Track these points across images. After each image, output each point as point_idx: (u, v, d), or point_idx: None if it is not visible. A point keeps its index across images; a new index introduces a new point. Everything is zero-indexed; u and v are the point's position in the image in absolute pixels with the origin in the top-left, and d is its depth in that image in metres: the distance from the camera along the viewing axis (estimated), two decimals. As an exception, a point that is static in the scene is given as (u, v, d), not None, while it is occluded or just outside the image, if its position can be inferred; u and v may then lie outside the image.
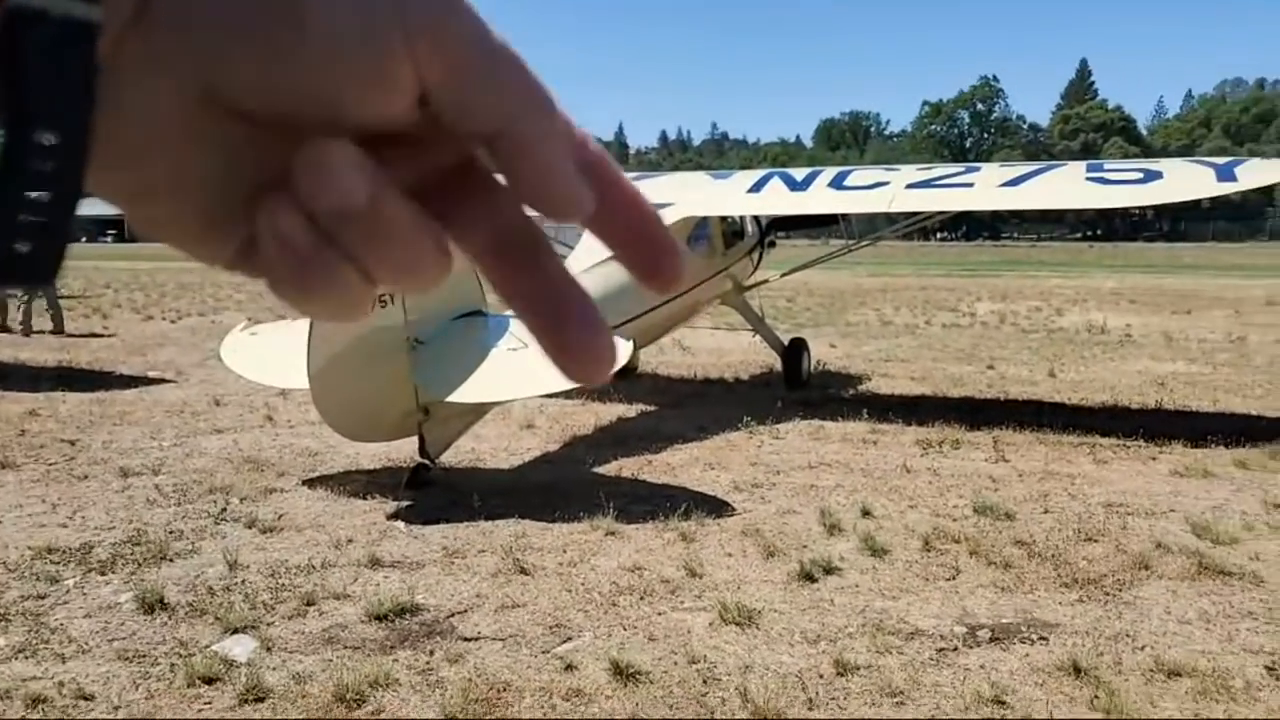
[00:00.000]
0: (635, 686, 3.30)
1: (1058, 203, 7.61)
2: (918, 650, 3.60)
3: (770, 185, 8.00)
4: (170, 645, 3.59)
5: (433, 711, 3.14)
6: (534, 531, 4.82)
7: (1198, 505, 5.36)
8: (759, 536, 4.76)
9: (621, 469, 6.06)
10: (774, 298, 16.99)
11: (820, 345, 11.60)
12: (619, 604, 4.00)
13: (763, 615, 3.87)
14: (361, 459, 6.13)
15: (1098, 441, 6.83)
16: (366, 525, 4.93)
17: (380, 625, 3.77)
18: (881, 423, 7.35)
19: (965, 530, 4.91)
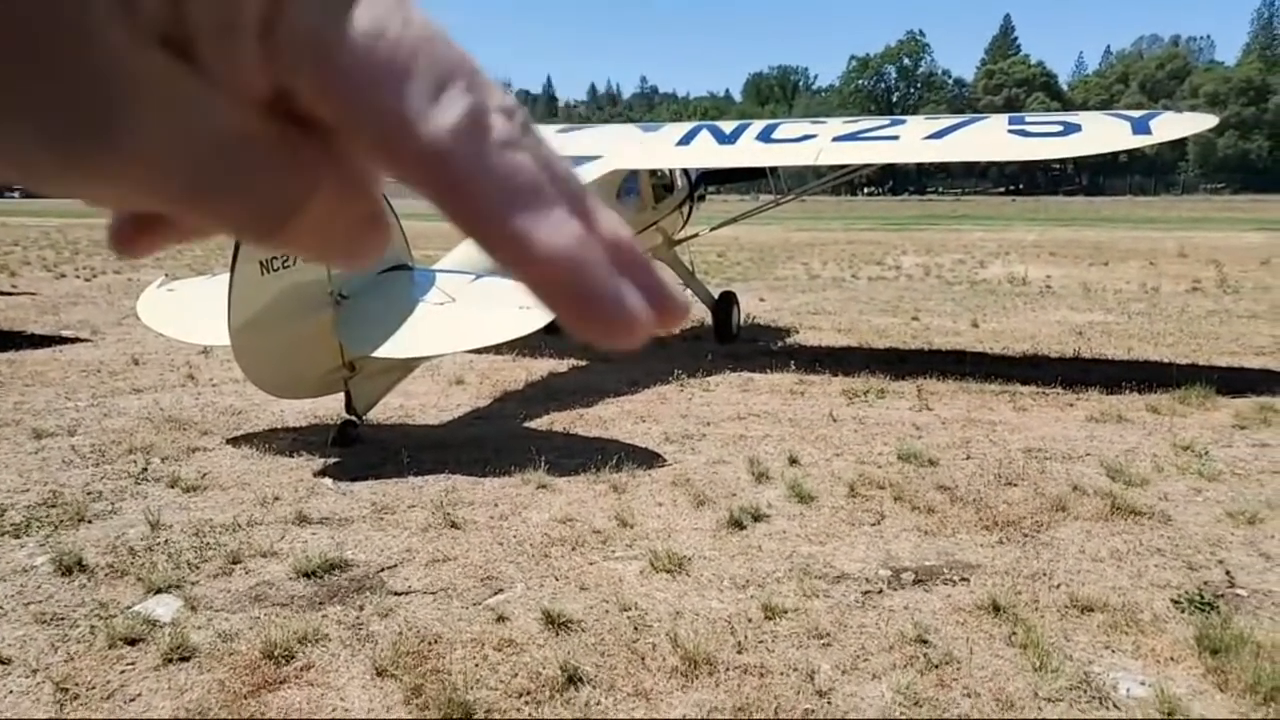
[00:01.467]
0: (567, 635, 3.32)
1: (981, 155, 7.71)
2: (843, 593, 3.67)
3: (699, 138, 7.97)
4: (90, 607, 3.51)
5: (363, 666, 3.12)
6: (464, 486, 4.80)
7: (1112, 449, 5.54)
8: (689, 486, 4.80)
9: (553, 423, 6.05)
10: (704, 252, 17.03)
11: (749, 299, 11.69)
12: (550, 555, 4.00)
13: (693, 562, 3.92)
14: (287, 416, 6.03)
15: (1018, 389, 7.01)
16: (293, 483, 4.85)
17: (309, 582, 3.73)
18: (809, 374, 7.44)
19: (890, 477, 5.01)
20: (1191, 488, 4.89)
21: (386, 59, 0.24)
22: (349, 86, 0.24)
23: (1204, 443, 5.63)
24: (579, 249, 0.25)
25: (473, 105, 0.25)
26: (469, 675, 3.05)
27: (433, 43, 0.25)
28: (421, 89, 0.24)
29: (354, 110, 0.24)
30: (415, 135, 0.24)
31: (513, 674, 3.08)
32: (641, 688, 3.01)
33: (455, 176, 0.24)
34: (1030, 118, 7.71)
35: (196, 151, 0.24)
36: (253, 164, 0.25)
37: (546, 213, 0.25)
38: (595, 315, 0.26)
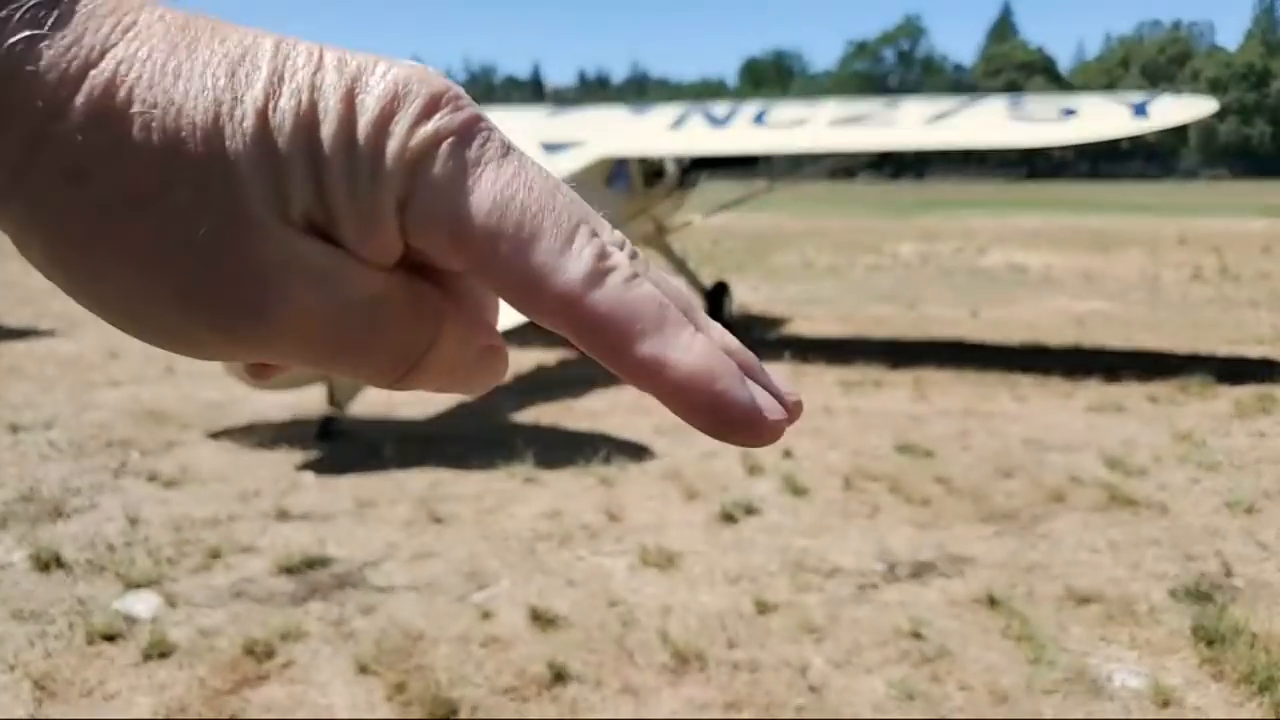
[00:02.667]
0: (554, 631, 3.27)
1: (979, 140, 7.62)
2: (837, 587, 3.62)
3: (691, 122, 7.88)
4: (68, 604, 3.45)
5: (345, 662, 3.07)
6: (449, 480, 4.74)
7: (1111, 439, 5.48)
8: (680, 479, 4.74)
9: (541, 416, 5.99)
10: (698, 240, 16.97)
11: (743, 288, 11.62)
12: (537, 550, 3.95)
13: (683, 557, 3.86)
14: (268, 410, 5.96)
15: (1017, 379, 6.95)
16: (275, 477, 4.79)
17: (290, 577, 3.68)
18: (804, 364, 7.38)
19: (885, 469, 4.95)
20: (1190, 478, 4.84)
21: (516, 224, 0.26)
22: (484, 254, 0.26)
23: (1203, 432, 5.58)
24: (709, 363, 0.27)
25: (598, 251, 0.27)
26: (453, 672, 3.00)
27: (555, 197, 0.27)
28: (551, 246, 0.26)
29: (490, 274, 0.27)
30: (550, 288, 0.26)
31: (498, 671, 3.03)
32: (630, 684, 2.96)
33: (591, 318, 0.26)
34: (1029, 102, 7.63)
35: (342, 317, 0.27)
36: (387, 320, 0.28)
37: (675, 335, 0.27)
38: (736, 421, 0.27)
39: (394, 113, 0.26)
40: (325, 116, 0.26)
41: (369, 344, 0.28)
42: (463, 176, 0.26)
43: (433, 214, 0.26)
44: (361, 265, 0.27)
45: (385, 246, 0.27)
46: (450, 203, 0.26)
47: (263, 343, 0.27)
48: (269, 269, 0.26)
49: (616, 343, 0.27)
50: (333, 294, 0.27)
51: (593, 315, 0.27)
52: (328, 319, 0.27)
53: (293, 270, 0.26)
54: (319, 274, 0.27)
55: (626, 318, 0.27)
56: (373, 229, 0.27)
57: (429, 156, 0.26)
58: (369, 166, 0.26)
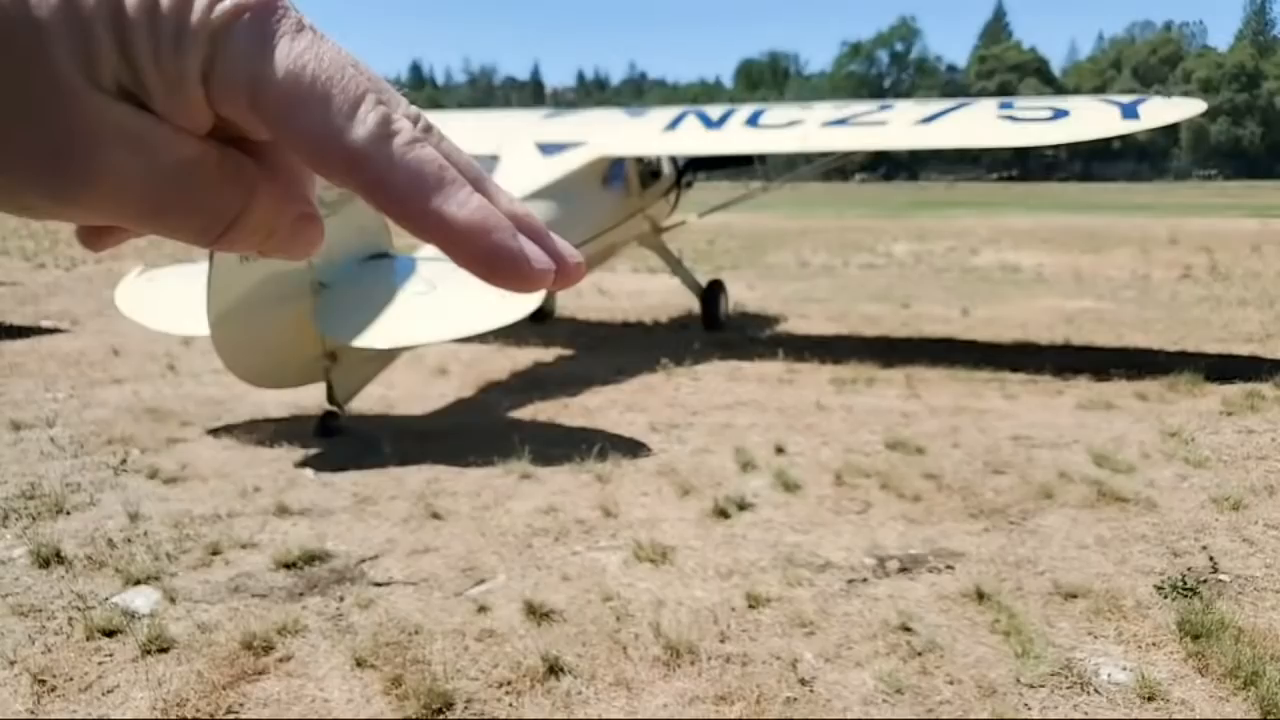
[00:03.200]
0: (548, 626, 3.30)
1: (970, 141, 7.66)
2: (828, 582, 3.66)
3: (686, 123, 7.92)
4: (68, 599, 3.48)
5: (342, 656, 3.10)
6: (447, 476, 4.77)
7: (1099, 436, 5.53)
8: (674, 475, 4.78)
9: (537, 413, 6.02)
10: (694, 240, 17.02)
11: (739, 287, 11.65)
12: (533, 545, 3.98)
13: (677, 552, 3.90)
14: (268, 407, 5.99)
15: (1007, 377, 7.00)
16: (274, 474, 4.82)
17: (289, 573, 3.71)
18: (797, 362, 7.42)
19: (876, 465, 4.99)
20: (1177, 474, 4.88)
21: (307, 90, 0.29)
22: (280, 116, 0.29)
23: (1191, 429, 5.63)
24: (484, 216, 0.30)
25: (382, 116, 0.29)
26: (449, 666, 3.03)
27: (344, 69, 0.29)
28: (340, 109, 0.29)
29: (285, 134, 0.29)
30: (339, 146, 0.29)
31: (493, 664, 3.06)
32: (623, 677, 3.00)
33: (376, 173, 0.29)
34: (1019, 102, 7.68)
35: (157, 181, 0.29)
36: (201, 183, 0.30)
37: (453, 192, 0.30)
38: (505, 268, 0.31)
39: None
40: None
41: (184, 205, 0.31)
42: (261, 47, 0.29)
43: (234, 81, 0.29)
44: (173, 130, 0.29)
45: (194, 113, 0.29)
46: (249, 70, 0.28)
47: (84, 204, 0.29)
48: (84, 132, 0.28)
49: (400, 198, 0.29)
50: (146, 157, 0.29)
51: (377, 173, 0.29)
52: (143, 181, 0.29)
53: (107, 133, 0.28)
54: (132, 137, 0.29)
55: (409, 176, 0.29)
56: (180, 95, 0.29)
57: (230, 28, 0.28)
58: (173, 33, 0.28)
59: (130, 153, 0.29)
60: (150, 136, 0.29)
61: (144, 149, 0.29)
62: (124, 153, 0.28)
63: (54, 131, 0.28)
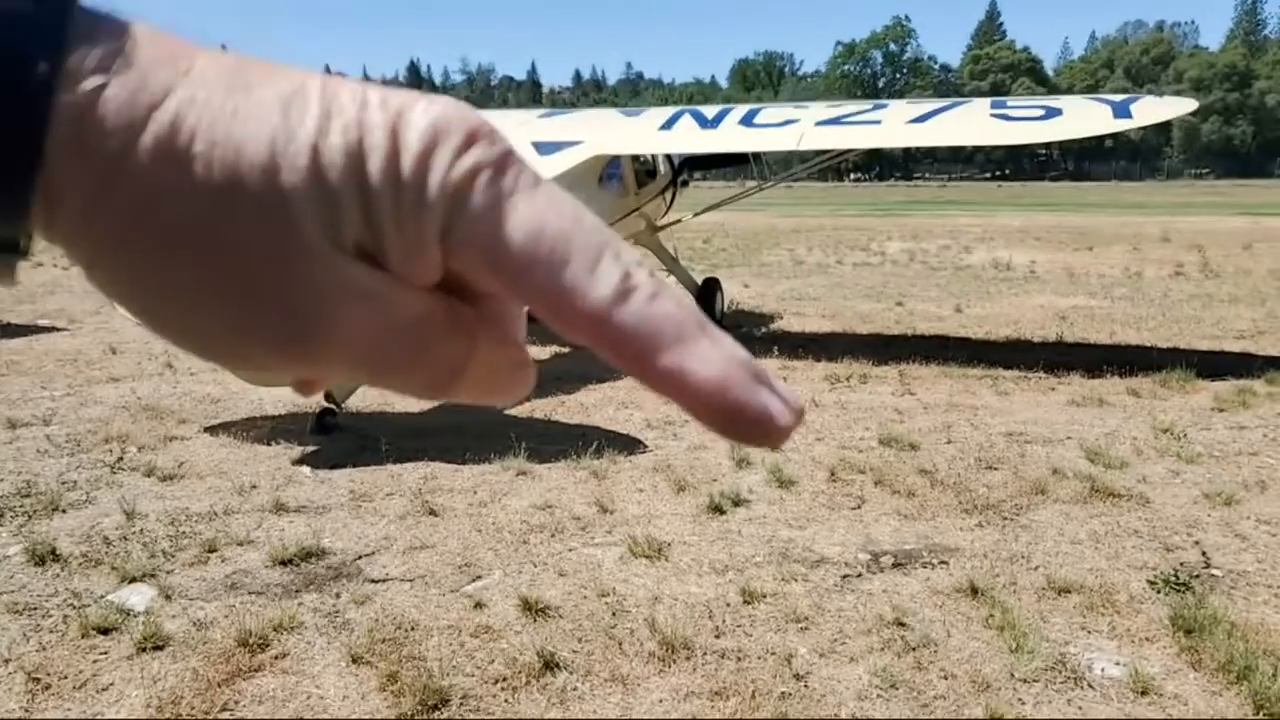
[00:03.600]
0: (544, 622, 3.31)
1: (963, 139, 7.69)
2: (822, 577, 3.68)
3: (681, 123, 7.93)
4: (63, 597, 3.48)
5: (338, 653, 3.10)
6: (443, 473, 4.78)
7: (1092, 432, 5.55)
8: (670, 472, 4.79)
9: (534, 410, 6.02)
10: (690, 238, 17.02)
11: (734, 285, 11.68)
12: (529, 542, 3.99)
13: (672, 548, 3.91)
14: (265, 404, 5.99)
15: (1000, 374, 7.02)
16: (271, 471, 4.82)
17: (285, 570, 3.71)
18: (792, 359, 7.44)
19: (870, 461, 5.01)
20: (1170, 470, 4.91)
21: (548, 249, 0.28)
22: (518, 275, 0.28)
23: (1183, 425, 5.65)
24: (726, 372, 0.29)
25: (622, 273, 0.29)
26: (445, 662, 3.04)
27: (581, 223, 0.29)
28: (580, 267, 0.28)
29: (524, 293, 0.29)
30: (581, 306, 0.28)
31: (489, 660, 3.07)
32: (618, 673, 3.00)
33: (618, 333, 0.28)
34: (1012, 101, 7.70)
35: (388, 337, 0.29)
36: (429, 338, 0.30)
37: (694, 347, 0.29)
38: (752, 425, 0.29)
39: (435, 147, 0.28)
40: (372, 151, 0.28)
41: (413, 361, 0.30)
42: (499, 205, 0.28)
43: (473, 240, 0.28)
44: (406, 288, 0.29)
45: (428, 270, 0.29)
46: (489, 230, 0.28)
47: (317, 361, 0.29)
48: (323, 292, 0.28)
49: (642, 355, 0.29)
50: (381, 314, 0.29)
51: (620, 331, 0.28)
52: (376, 338, 0.29)
53: (345, 293, 0.28)
54: (369, 296, 0.29)
55: (651, 332, 0.29)
56: (418, 255, 0.29)
57: (468, 188, 0.28)
58: (414, 197, 0.28)
59: (365, 310, 0.29)
60: (385, 294, 0.29)
61: (379, 307, 0.29)
62: (359, 310, 0.29)
63: (295, 294, 0.28)
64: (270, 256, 0.28)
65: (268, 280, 0.28)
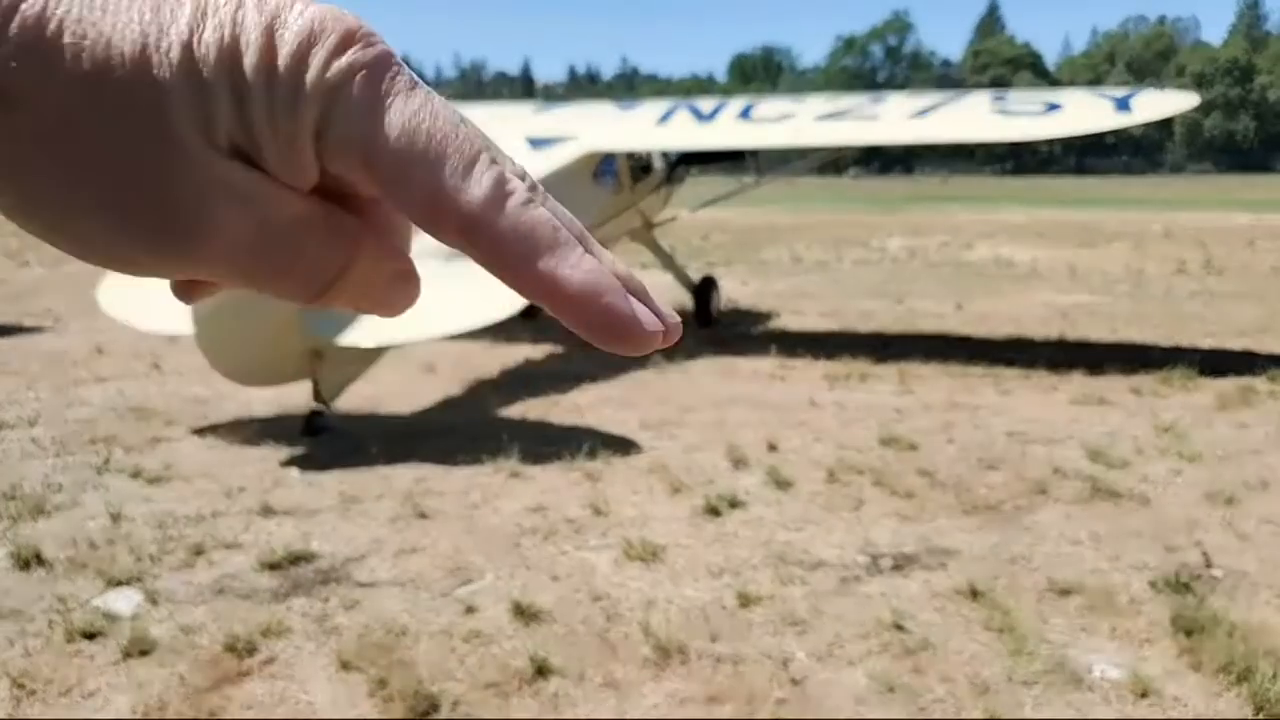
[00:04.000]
0: (537, 626, 3.27)
1: (963, 135, 7.64)
2: (820, 580, 3.63)
3: (677, 117, 7.88)
4: (48, 601, 3.43)
5: (327, 658, 3.06)
6: (434, 476, 4.73)
7: (1093, 431, 5.51)
8: (665, 473, 4.74)
9: (527, 410, 5.98)
10: (687, 235, 16.98)
11: (732, 283, 11.63)
12: (522, 545, 3.94)
13: (667, 551, 3.86)
14: (254, 406, 5.93)
15: (1001, 372, 6.97)
16: (259, 473, 4.77)
17: (273, 574, 3.66)
18: (790, 358, 7.39)
19: (870, 461, 4.96)
20: (1171, 469, 4.86)
21: (422, 150, 0.28)
22: (393, 176, 0.28)
23: (1185, 424, 5.60)
24: (597, 279, 0.30)
25: (497, 176, 0.29)
26: (435, 667, 3.00)
27: (458, 128, 0.29)
28: (454, 170, 0.28)
29: (398, 194, 0.29)
30: (454, 208, 0.28)
31: (481, 665, 3.03)
32: (612, 678, 2.96)
33: (491, 236, 0.29)
34: (1013, 96, 7.65)
35: (265, 238, 0.29)
36: (307, 241, 0.30)
37: (567, 254, 0.29)
38: (618, 331, 0.30)
39: (311, 47, 0.28)
40: (247, 49, 0.27)
41: (289, 264, 0.30)
42: (374, 106, 0.28)
43: (347, 140, 0.28)
44: (282, 188, 0.29)
45: (304, 170, 0.29)
46: (363, 130, 0.28)
47: (191, 261, 0.29)
48: (196, 189, 0.28)
49: (514, 260, 0.29)
50: (255, 214, 0.29)
51: (492, 234, 0.29)
52: (250, 238, 0.29)
53: (219, 191, 0.28)
54: (243, 195, 0.28)
55: (523, 237, 0.29)
56: (292, 153, 0.28)
57: (343, 87, 0.28)
58: (288, 95, 0.28)
59: (240, 210, 0.29)
60: (261, 194, 0.29)
61: (254, 206, 0.29)
62: (234, 210, 0.28)
63: (167, 190, 0.28)
64: (142, 153, 0.27)
65: (140, 178, 0.27)
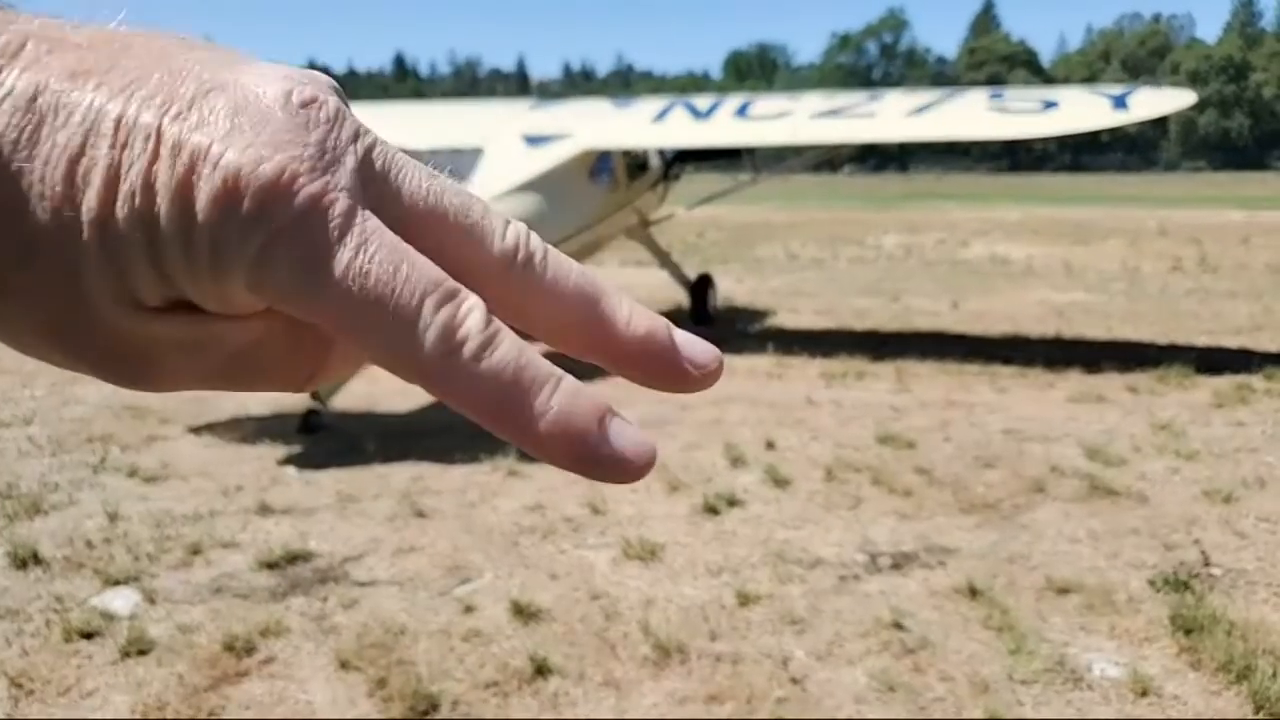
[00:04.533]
0: (536, 625, 3.27)
1: (959, 134, 7.64)
2: (819, 578, 3.63)
3: (673, 114, 7.86)
4: (46, 601, 3.43)
5: (326, 658, 3.06)
6: (432, 474, 4.72)
7: (1090, 429, 5.51)
8: (663, 472, 4.74)
9: (525, 408, 5.96)
10: (683, 233, 16.96)
11: (727, 280, 11.62)
12: (520, 544, 3.94)
13: (666, 549, 3.86)
14: (250, 404, 5.92)
15: (998, 370, 6.97)
16: (256, 472, 4.76)
17: (271, 573, 3.66)
18: (787, 356, 7.38)
19: (867, 460, 4.96)
20: (1169, 467, 4.86)
21: (361, 305, 0.26)
22: (341, 330, 0.27)
23: (1182, 422, 5.61)
24: (565, 425, 0.28)
25: (442, 328, 0.27)
26: (435, 667, 2.99)
27: (398, 271, 0.27)
28: (400, 325, 0.26)
29: (351, 344, 0.28)
30: (407, 364, 0.27)
31: (480, 665, 3.02)
32: (612, 677, 2.96)
33: (446, 391, 0.27)
34: (1009, 93, 7.64)
35: (222, 369, 0.29)
36: (267, 358, 0.30)
37: (531, 398, 0.28)
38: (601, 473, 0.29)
39: (230, 208, 0.26)
40: (160, 212, 0.26)
41: (256, 380, 0.30)
42: (304, 272, 0.26)
43: (282, 299, 0.27)
44: (228, 322, 0.28)
45: (244, 309, 0.28)
46: (296, 291, 0.27)
47: (157, 390, 0.29)
48: (136, 346, 0.28)
49: (478, 411, 0.28)
50: (207, 356, 0.29)
51: (448, 389, 0.27)
52: (206, 371, 0.29)
53: (159, 347, 0.28)
54: (188, 345, 0.28)
55: (481, 388, 0.27)
56: (225, 305, 0.28)
57: (267, 257, 0.26)
58: (209, 263, 0.26)
59: (187, 356, 0.28)
60: (203, 337, 0.28)
61: (202, 350, 0.28)
62: (180, 358, 0.28)
63: (107, 345, 0.28)
64: (73, 317, 0.27)
65: (76, 335, 0.27)
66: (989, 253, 16.02)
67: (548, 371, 0.29)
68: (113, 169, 0.26)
